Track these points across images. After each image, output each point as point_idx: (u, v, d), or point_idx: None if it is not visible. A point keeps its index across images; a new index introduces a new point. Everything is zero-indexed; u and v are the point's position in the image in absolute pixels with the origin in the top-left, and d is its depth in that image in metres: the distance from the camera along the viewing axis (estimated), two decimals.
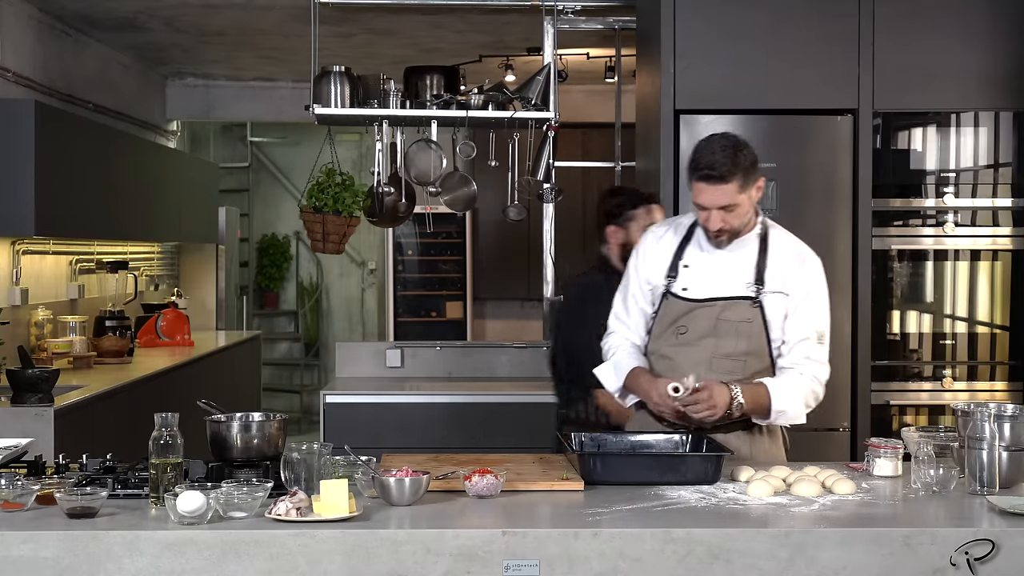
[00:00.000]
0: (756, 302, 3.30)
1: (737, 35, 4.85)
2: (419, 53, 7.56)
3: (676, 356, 3.34)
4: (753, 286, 3.31)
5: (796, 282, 3.33)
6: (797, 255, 3.38)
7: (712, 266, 3.35)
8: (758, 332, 3.31)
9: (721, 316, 3.31)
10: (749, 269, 3.33)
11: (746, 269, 3.33)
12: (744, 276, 3.32)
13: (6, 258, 5.99)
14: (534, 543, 2.53)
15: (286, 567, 2.50)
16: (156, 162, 7.55)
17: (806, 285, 3.34)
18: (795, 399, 3.27)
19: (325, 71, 5.18)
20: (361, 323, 11.21)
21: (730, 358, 3.31)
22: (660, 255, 3.42)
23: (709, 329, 3.32)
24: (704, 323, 3.32)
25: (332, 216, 5.60)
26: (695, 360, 3.30)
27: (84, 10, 6.59)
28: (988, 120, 5.01)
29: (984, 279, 5.06)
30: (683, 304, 3.34)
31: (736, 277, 3.33)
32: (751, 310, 3.30)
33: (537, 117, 5.22)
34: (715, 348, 3.31)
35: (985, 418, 2.91)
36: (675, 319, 3.35)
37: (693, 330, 3.33)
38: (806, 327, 3.32)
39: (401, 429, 5.17)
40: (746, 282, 3.32)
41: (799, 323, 3.32)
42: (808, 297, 3.34)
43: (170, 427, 2.74)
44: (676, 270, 3.37)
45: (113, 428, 5.36)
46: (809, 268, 3.37)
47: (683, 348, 3.34)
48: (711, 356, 3.31)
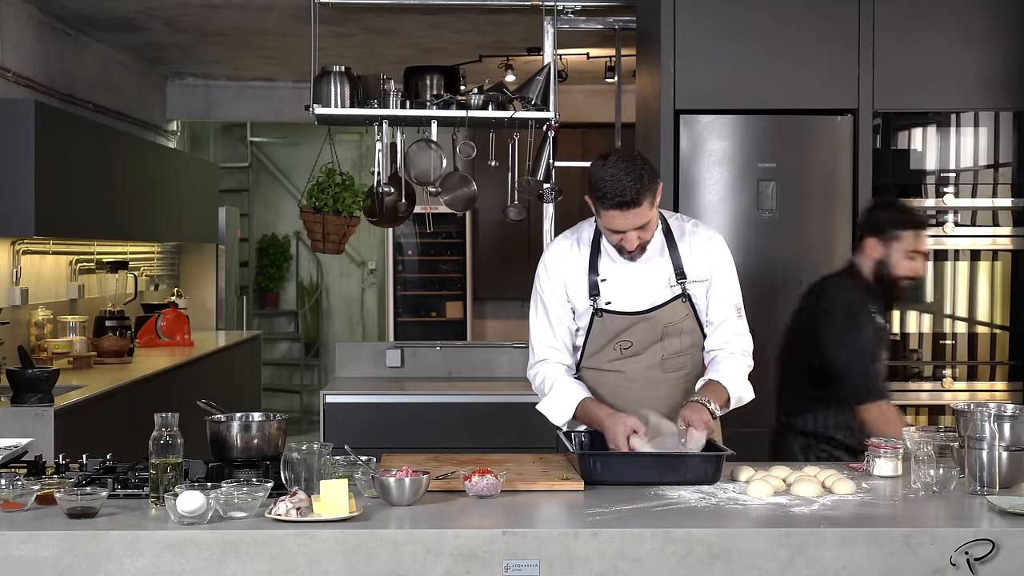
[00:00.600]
0: (685, 297, 3.34)
1: (737, 35, 4.85)
2: (419, 53, 7.56)
3: (624, 368, 3.37)
4: (677, 283, 3.34)
5: (709, 264, 3.36)
6: (699, 236, 3.39)
7: (630, 273, 3.34)
8: (694, 324, 3.37)
9: (665, 322, 3.34)
10: (666, 266, 3.35)
11: (662, 267, 3.35)
12: (663, 274, 3.34)
13: (6, 258, 5.99)
14: (534, 543, 2.53)
15: (286, 567, 2.50)
16: (156, 162, 7.55)
17: (717, 263, 3.38)
18: (742, 382, 3.35)
19: (325, 71, 5.18)
20: (361, 323, 11.21)
21: (678, 355, 3.37)
22: (573, 274, 3.37)
23: (655, 337, 3.35)
24: (649, 334, 3.35)
25: (332, 216, 5.60)
26: (646, 367, 3.35)
27: (84, 10, 6.59)
28: (988, 120, 5.01)
29: (984, 279, 5.06)
30: (622, 319, 3.33)
31: (657, 278, 3.34)
32: (684, 306, 3.35)
33: (537, 117, 5.22)
34: (663, 351, 3.36)
35: (985, 418, 2.91)
36: (615, 335, 3.35)
37: (639, 342, 3.35)
38: (726, 305, 3.38)
39: (401, 429, 5.17)
40: (669, 281, 3.34)
41: (718, 302, 3.37)
42: (721, 274, 3.38)
43: (170, 427, 2.74)
44: (596, 287, 3.34)
45: (113, 428, 5.36)
46: (716, 246, 3.40)
47: (629, 360, 3.36)
48: (661, 359, 3.36)
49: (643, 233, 3.23)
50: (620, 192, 3.13)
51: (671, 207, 4.84)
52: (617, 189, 3.13)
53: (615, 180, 3.14)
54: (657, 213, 3.27)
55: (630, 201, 3.13)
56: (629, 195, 3.13)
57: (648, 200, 3.17)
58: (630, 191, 3.13)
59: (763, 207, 4.84)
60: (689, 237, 3.38)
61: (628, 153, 3.25)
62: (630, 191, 3.13)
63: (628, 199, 3.13)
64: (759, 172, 4.84)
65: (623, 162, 3.17)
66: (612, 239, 3.26)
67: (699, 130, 4.85)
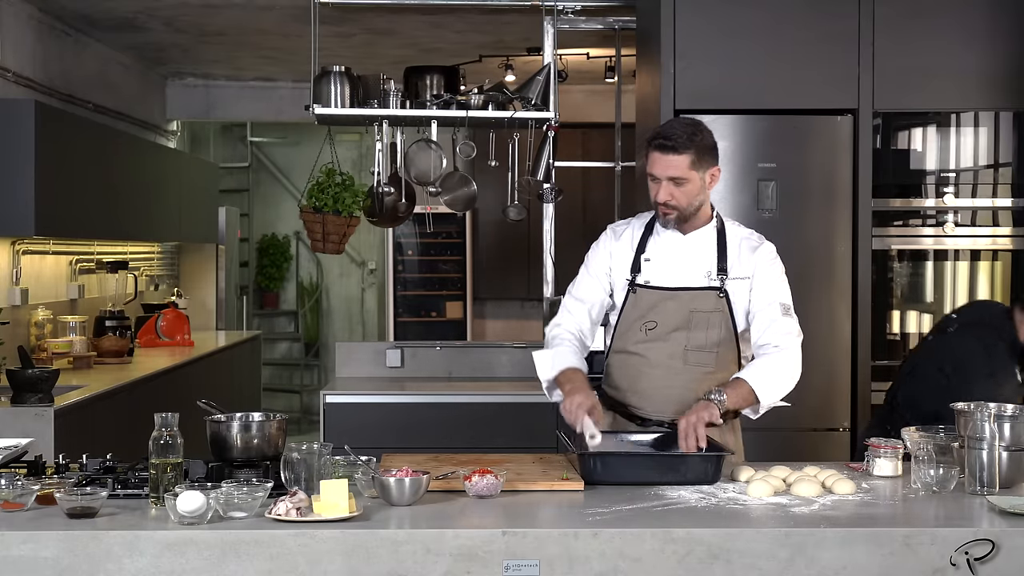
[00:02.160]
0: (722, 292, 3.35)
1: (737, 35, 4.85)
2: (419, 53, 7.56)
3: (647, 352, 3.37)
4: (716, 276, 3.35)
5: (753, 264, 3.38)
6: (751, 242, 3.42)
7: (673, 256, 3.39)
8: (727, 322, 3.36)
9: (692, 307, 3.35)
10: (710, 259, 3.37)
11: (707, 259, 3.38)
12: (705, 266, 3.37)
13: (6, 258, 5.99)
14: (534, 543, 2.53)
15: (286, 567, 2.50)
16: (156, 162, 7.55)
17: (763, 264, 3.39)
18: (776, 386, 3.30)
19: (325, 71, 5.18)
20: (361, 323, 11.21)
21: (702, 350, 3.35)
22: (621, 250, 3.46)
23: (681, 322, 3.35)
24: (675, 316, 3.35)
25: (332, 216, 5.60)
26: (668, 354, 3.34)
27: (84, 10, 6.59)
28: (988, 120, 5.01)
29: (984, 279, 5.06)
30: (651, 295, 3.38)
31: (698, 267, 3.37)
32: (718, 300, 3.35)
33: (537, 117, 5.22)
34: (687, 341, 3.35)
35: (985, 418, 2.91)
36: (643, 313, 3.38)
37: (663, 324, 3.36)
38: (768, 299, 3.36)
39: (401, 429, 5.17)
40: (708, 273, 3.36)
41: (760, 295, 3.36)
42: (768, 273, 3.38)
43: (170, 427, 2.74)
44: (639, 265, 3.41)
45: (113, 428, 5.36)
46: (764, 250, 3.42)
47: (653, 344, 3.37)
48: (684, 350, 3.35)
49: (676, 191, 3.29)
50: (665, 135, 3.28)
51: None
52: (665, 132, 3.30)
53: (669, 125, 3.34)
54: (699, 184, 3.31)
55: (671, 146, 3.26)
56: (672, 140, 3.26)
57: (689, 156, 3.26)
58: (675, 138, 3.26)
59: (763, 207, 4.84)
60: (740, 241, 3.41)
61: (699, 121, 3.38)
62: (675, 138, 3.26)
63: (669, 144, 3.26)
64: (759, 172, 4.84)
65: (687, 119, 3.36)
66: (651, 191, 3.33)
67: None
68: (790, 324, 3.37)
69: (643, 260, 3.41)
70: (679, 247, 3.40)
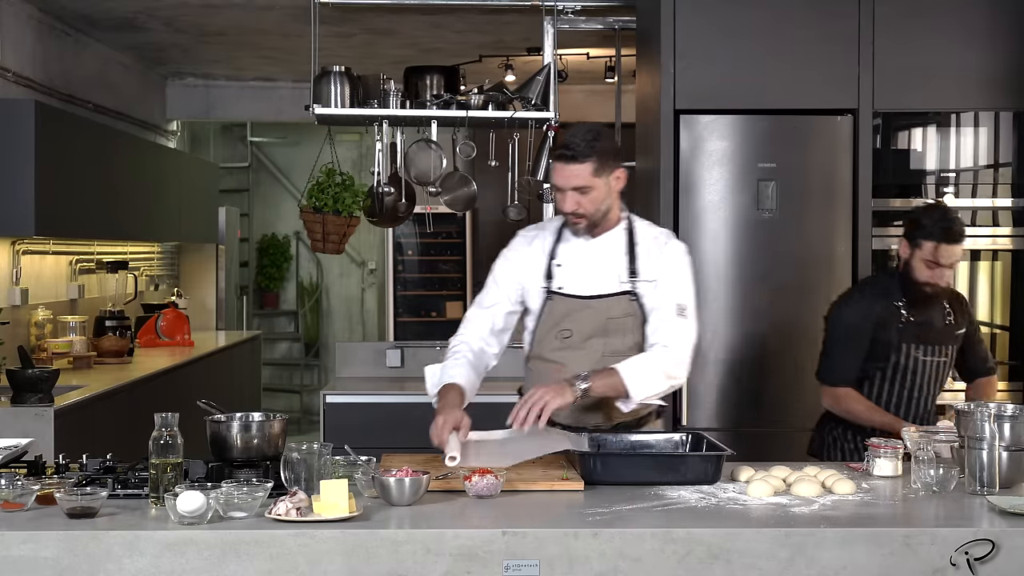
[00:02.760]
0: (634, 295, 3.35)
1: (737, 35, 4.85)
2: (419, 53, 7.56)
3: (563, 360, 3.38)
4: (628, 280, 3.35)
5: (660, 265, 3.36)
6: (659, 241, 3.41)
7: (584, 262, 3.39)
8: (638, 326, 3.36)
9: (608, 315, 3.35)
10: (620, 262, 3.37)
11: (617, 262, 3.37)
12: (616, 270, 3.36)
13: (6, 258, 5.99)
14: (534, 543, 2.53)
15: (286, 567, 2.50)
16: (156, 162, 7.55)
17: (668, 264, 3.37)
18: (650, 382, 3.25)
19: (325, 71, 5.18)
20: (361, 323, 11.21)
21: (618, 355, 3.33)
22: (533, 257, 3.45)
23: (596, 330, 3.35)
24: (589, 324, 3.36)
25: (332, 216, 5.60)
26: (584, 362, 3.34)
27: (84, 10, 6.59)
28: (988, 120, 5.01)
29: (984, 279, 5.06)
30: (566, 303, 3.38)
31: (609, 272, 3.37)
32: (631, 304, 3.35)
33: (537, 117, 5.22)
34: (604, 347, 3.35)
35: (985, 418, 2.91)
36: (558, 321, 3.38)
37: (578, 332, 3.37)
38: (667, 299, 3.34)
39: (401, 429, 5.16)
40: (619, 277, 3.36)
41: (660, 295, 3.35)
42: (670, 273, 3.36)
43: (170, 427, 2.74)
44: (551, 272, 3.41)
45: (113, 428, 5.36)
46: (671, 249, 3.41)
47: (569, 352, 3.38)
48: (600, 356, 3.35)
49: (582, 199, 3.28)
50: (566, 145, 3.27)
51: (671, 207, 4.84)
52: (566, 142, 3.28)
53: (570, 134, 3.30)
54: (604, 189, 3.30)
55: (572, 155, 3.25)
56: (575, 149, 3.24)
57: (591, 164, 3.25)
58: (575, 147, 3.25)
59: (763, 207, 4.84)
60: (649, 242, 3.40)
61: (600, 126, 3.36)
62: (575, 147, 3.25)
63: (570, 154, 3.25)
64: (759, 172, 4.84)
65: (588, 126, 3.33)
66: (557, 201, 3.34)
67: (699, 130, 4.85)
68: (682, 326, 3.33)
69: (555, 266, 3.41)
70: (589, 252, 3.39)
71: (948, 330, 3.91)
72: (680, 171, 4.84)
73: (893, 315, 3.85)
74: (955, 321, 3.92)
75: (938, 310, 3.90)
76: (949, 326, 3.91)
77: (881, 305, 3.86)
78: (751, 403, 4.86)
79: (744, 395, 4.86)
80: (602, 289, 3.36)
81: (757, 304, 4.86)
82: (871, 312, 3.86)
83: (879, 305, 3.86)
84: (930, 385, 3.94)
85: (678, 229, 4.83)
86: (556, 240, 3.44)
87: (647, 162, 5.23)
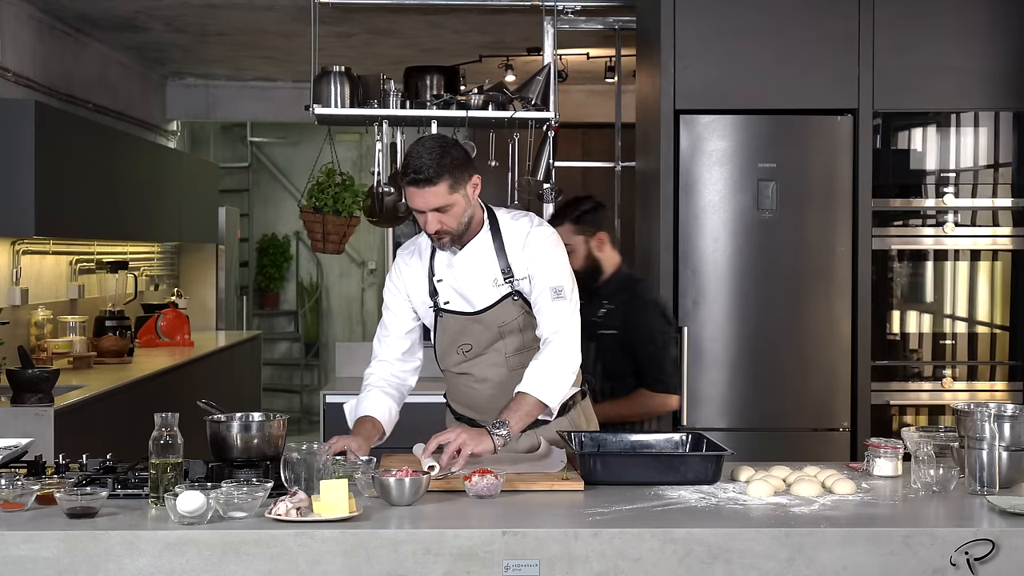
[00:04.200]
0: (516, 295, 3.31)
1: (737, 35, 4.85)
2: (419, 53, 7.56)
3: (471, 370, 3.37)
4: (504, 282, 3.31)
5: (528, 256, 3.30)
6: (521, 231, 3.33)
7: (458, 271, 3.34)
8: (532, 321, 3.32)
9: (499, 323, 3.32)
10: (492, 266, 3.32)
11: (489, 267, 3.32)
12: (492, 275, 3.32)
13: (6, 258, 5.99)
14: (534, 543, 2.53)
15: (286, 567, 2.50)
16: (156, 162, 7.55)
17: (534, 251, 3.30)
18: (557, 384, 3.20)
19: (325, 71, 5.18)
20: (361, 323, 11.21)
21: (521, 351, 3.33)
22: (413, 276, 3.41)
23: (493, 338, 3.34)
24: (485, 336, 3.34)
25: (332, 216, 5.60)
26: (490, 364, 3.34)
27: (84, 10, 6.59)
28: (988, 120, 5.01)
29: (984, 279, 5.06)
30: (457, 319, 3.35)
31: (484, 278, 3.32)
32: (515, 305, 3.30)
33: (537, 117, 5.22)
34: (505, 348, 3.34)
35: (985, 418, 2.91)
36: (455, 337, 3.37)
37: (477, 344, 3.35)
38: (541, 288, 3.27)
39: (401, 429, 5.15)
40: (495, 280, 3.31)
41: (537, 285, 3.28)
42: (538, 259, 3.29)
43: (170, 427, 2.74)
44: (435, 288, 3.37)
45: (113, 428, 5.36)
46: (534, 236, 3.32)
47: (473, 362, 3.37)
48: (504, 357, 3.35)
49: (444, 218, 3.21)
50: (416, 169, 3.15)
51: (671, 207, 4.83)
52: (415, 165, 3.16)
53: (416, 156, 3.17)
54: (464, 202, 3.22)
55: (424, 179, 3.15)
56: (425, 172, 3.14)
57: (446, 183, 3.16)
58: (426, 169, 3.14)
59: (763, 207, 4.83)
60: (515, 236, 3.33)
61: (444, 137, 3.30)
62: (426, 169, 3.14)
63: (423, 176, 3.15)
64: (759, 172, 4.84)
65: (432, 141, 3.21)
66: (420, 222, 3.28)
67: (699, 130, 4.85)
68: (561, 308, 3.25)
69: (436, 282, 3.37)
70: (463, 263, 3.33)
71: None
72: (680, 171, 4.84)
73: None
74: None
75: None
76: None
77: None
78: (751, 403, 4.86)
79: (744, 395, 4.86)
80: (485, 300, 3.32)
81: (757, 304, 4.86)
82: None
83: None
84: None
85: (678, 229, 4.84)
86: (432, 254, 3.38)
87: (647, 162, 5.23)
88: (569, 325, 3.25)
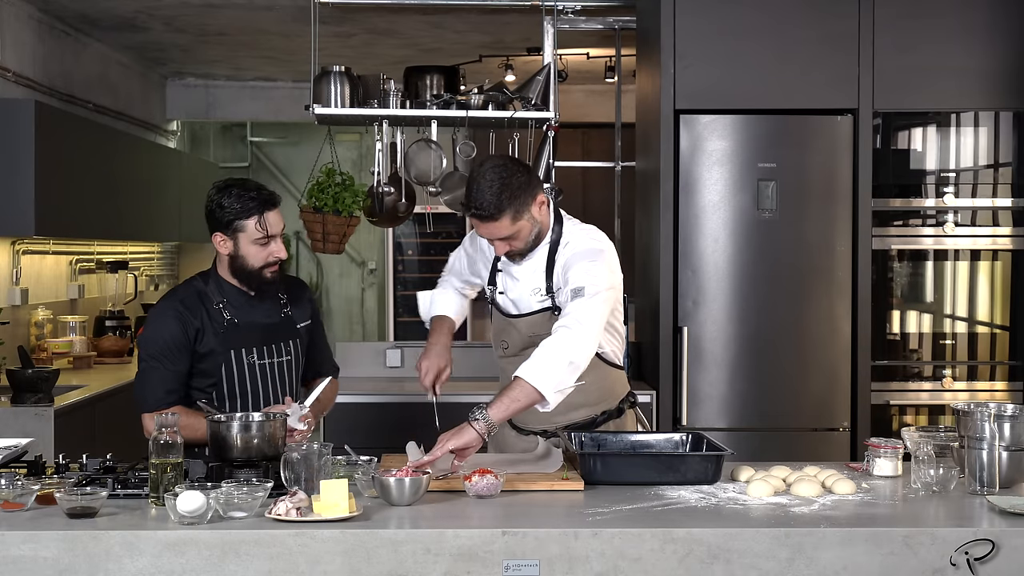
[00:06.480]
0: (555, 311, 3.31)
1: (737, 35, 4.85)
2: (419, 53, 7.56)
3: (507, 367, 3.40)
4: (545, 296, 3.34)
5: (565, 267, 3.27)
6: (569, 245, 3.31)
7: (511, 278, 3.43)
8: None
9: (531, 332, 3.36)
10: (540, 278, 3.36)
11: (538, 279, 3.36)
12: (535, 285, 3.35)
13: (6, 258, 5.99)
14: (534, 543, 2.53)
15: (286, 567, 2.50)
16: (156, 162, 7.55)
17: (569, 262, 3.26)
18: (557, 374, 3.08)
19: (325, 71, 5.17)
20: (361, 323, 11.21)
21: None
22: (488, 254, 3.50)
23: (527, 343, 3.36)
24: (519, 340, 3.41)
25: (332, 216, 5.59)
26: None
27: (84, 10, 6.59)
28: (988, 120, 5.01)
29: (984, 279, 5.06)
30: (500, 318, 3.48)
31: (530, 287, 3.37)
32: (553, 320, 3.26)
33: (537, 117, 5.22)
34: None
35: (985, 418, 2.91)
36: (498, 332, 3.50)
37: (512, 345, 3.45)
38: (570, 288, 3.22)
39: (401, 429, 5.16)
40: (539, 294, 3.34)
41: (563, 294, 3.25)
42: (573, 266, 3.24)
43: (170, 427, 2.74)
44: (495, 277, 3.49)
45: (113, 428, 5.36)
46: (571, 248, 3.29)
47: (510, 360, 3.40)
48: None
49: (513, 243, 3.27)
50: (480, 205, 3.16)
51: (671, 207, 4.84)
52: (478, 200, 3.16)
53: (479, 191, 3.16)
54: (529, 225, 3.24)
55: (487, 216, 3.17)
56: (488, 210, 3.16)
57: (507, 218, 3.18)
58: (487, 207, 3.15)
59: (763, 207, 4.84)
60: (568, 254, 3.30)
61: (506, 163, 3.23)
62: (487, 207, 3.15)
63: (486, 213, 3.17)
64: (759, 172, 4.84)
65: (492, 173, 3.17)
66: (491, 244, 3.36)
67: (699, 130, 4.85)
68: (578, 304, 3.17)
69: (498, 272, 3.47)
70: (515, 269, 3.39)
71: (288, 323, 3.46)
72: (680, 171, 4.84)
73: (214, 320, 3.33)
74: (293, 313, 3.47)
75: (275, 301, 3.43)
76: (288, 318, 3.46)
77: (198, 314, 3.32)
78: (751, 403, 4.86)
79: (744, 395, 4.86)
80: (525, 307, 3.40)
81: (757, 304, 4.86)
82: (188, 325, 3.29)
83: (193, 315, 3.31)
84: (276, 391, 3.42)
85: (678, 229, 4.84)
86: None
87: (647, 162, 5.23)
88: (583, 320, 3.17)
